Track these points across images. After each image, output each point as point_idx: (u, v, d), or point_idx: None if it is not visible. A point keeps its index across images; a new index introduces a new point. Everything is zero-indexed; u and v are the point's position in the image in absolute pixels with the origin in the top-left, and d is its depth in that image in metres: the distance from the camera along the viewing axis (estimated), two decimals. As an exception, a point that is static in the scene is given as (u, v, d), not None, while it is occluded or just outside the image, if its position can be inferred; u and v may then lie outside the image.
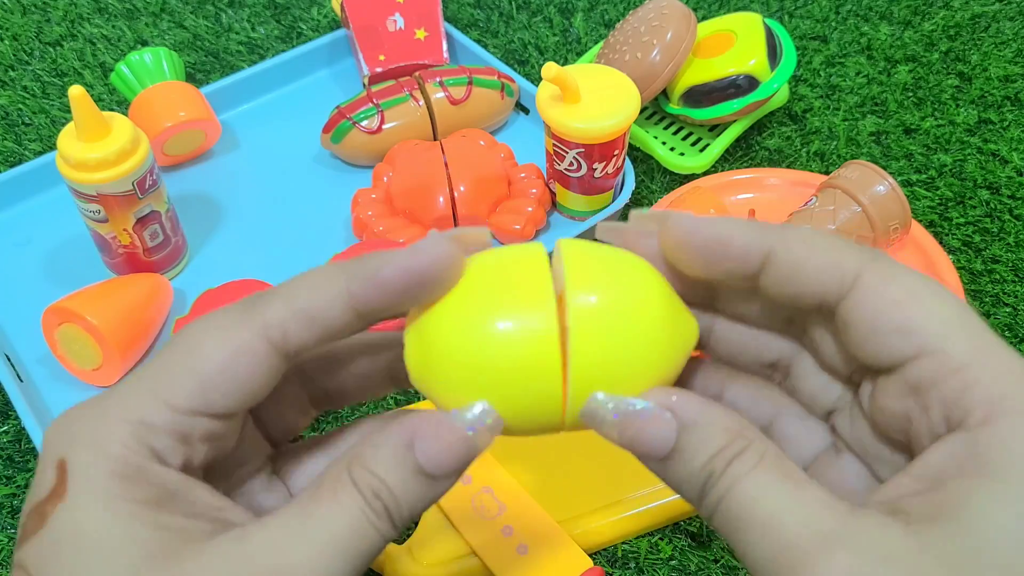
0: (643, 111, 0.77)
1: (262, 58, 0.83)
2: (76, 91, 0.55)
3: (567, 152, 0.64)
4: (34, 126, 0.77)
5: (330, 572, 0.25)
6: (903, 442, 0.26)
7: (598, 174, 0.65)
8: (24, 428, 0.57)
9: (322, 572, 0.25)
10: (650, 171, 0.73)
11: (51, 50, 0.84)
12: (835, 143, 0.75)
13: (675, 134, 0.75)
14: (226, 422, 0.28)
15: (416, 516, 0.27)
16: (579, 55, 0.83)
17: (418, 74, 0.73)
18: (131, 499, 0.26)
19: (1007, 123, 0.76)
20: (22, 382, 0.59)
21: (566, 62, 0.82)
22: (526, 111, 0.77)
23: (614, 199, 0.68)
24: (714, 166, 0.73)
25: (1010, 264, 0.66)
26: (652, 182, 0.72)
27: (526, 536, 0.50)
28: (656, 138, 0.74)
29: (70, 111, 0.74)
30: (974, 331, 0.24)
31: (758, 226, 0.26)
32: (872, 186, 0.61)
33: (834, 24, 0.85)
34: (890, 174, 0.62)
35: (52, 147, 0.75)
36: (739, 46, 0.70)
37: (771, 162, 0.73)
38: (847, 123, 0.76)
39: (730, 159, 0.74)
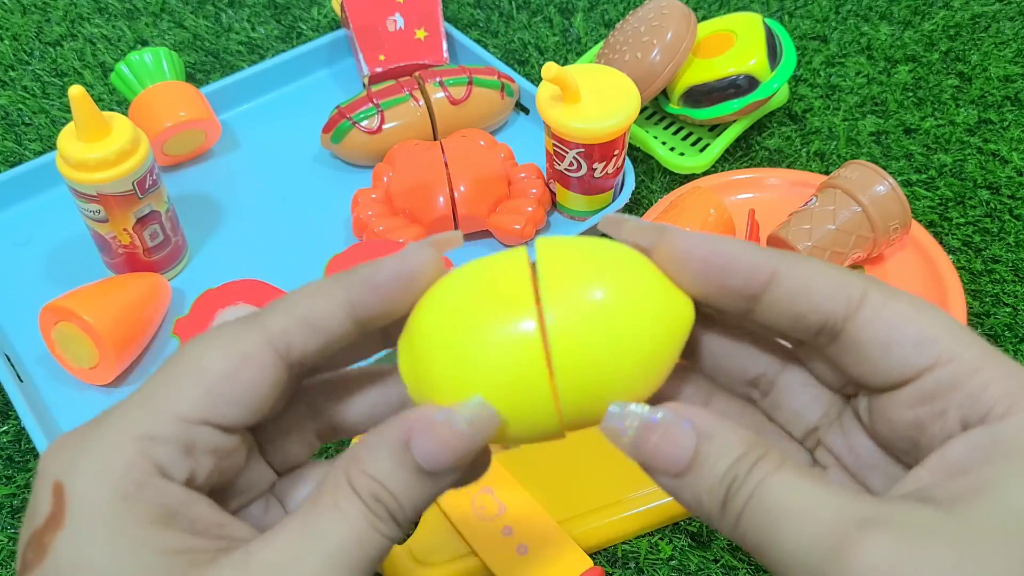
0: (643, 111, 0.77)
1: (262, 58, 0.83)
2: (76, 91, 0.55)
3: (567, 152, 0.64)
4: (34, 126, 0.77)
5: None
6: (908, 450, 0.26)
7: (598, 174, 0.65)
8: (24, 428, 0.57)
9: None
10: (650, 171, 0.73)
11: (51, 50, 0.84)
12: (835, 143, 0.75)
13: (675, 134, 0.75)
14: (231, 437, 0.27)
15: (420, 514, 0.27)
16: (579, 55, 0.83)
17: (418, 74, 0.73)
18: (134, 521, 0.25)
19: (1007, 123, 0.76)
20: (22, 382, 0.59)
21: (566, 62, 0.82)
22: (526, 111, 0.77)
23: (614, 199, 0.68)
24: (714, 166, 0.73)
25: (1010, 264, 0.66)
26: (652, 182, 0.72)
27: (526, 536, 0.50)
28: (656, 138, 0.74)
29: (70, 111, 0.74)
30: (975, 340, 0.25)
31: (761, 248, 0.27)
32: (872, 186, 0.61)
33: (834, 24, 0.85)
34: (890, 174, 0.62)
35: (52, 147, 0.75)
36: (739, 46, 0.70)
37: (771, 162, 0.73)
38: (847, 123, 0.76)
39: (730, 159, 0.74)
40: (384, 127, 0.71)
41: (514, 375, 0.27)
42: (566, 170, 0.65)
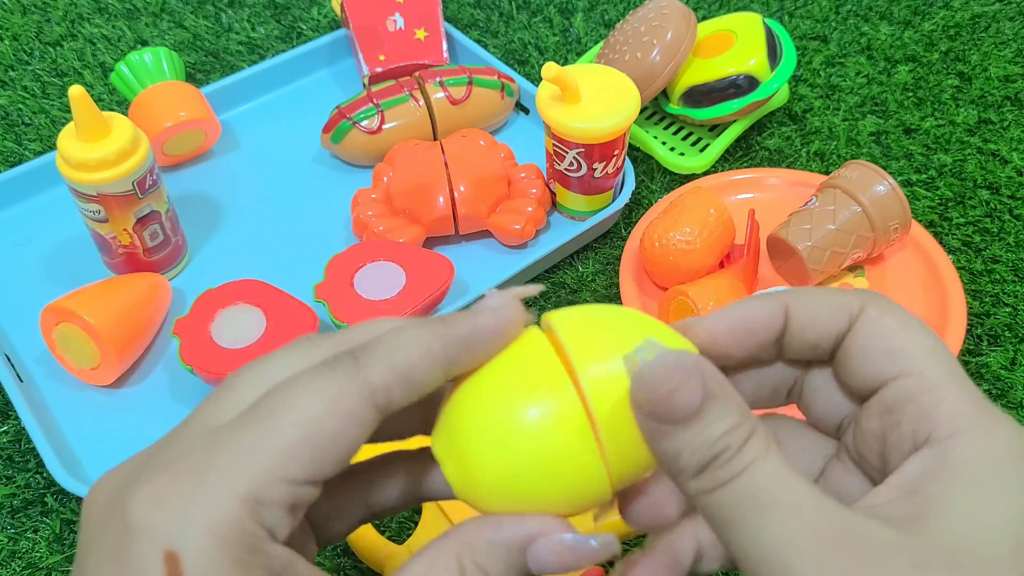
0: (643, 111, 0.77)
1: (262, 58, 0.83)
2: (76, 91, 0.55)
3: (567, 152, 0.64)
4: (34, 126, 0.77)
5: None
6: (878, 466, 0.28)
7: (598, 174, 0.65)
8: (24, 428, 0.57)
9: None
10: (650, 171, 0.73)
11: (51, 50, 0.84)
12: (835, 143, 0.75)
13: (675, 134, 0.75)
14: (319, 490, 0.27)
15: None
16: (579, 55, 0.83)
17: (418, 74, 0.73)
18: None
19: (1007, 123, 0.76)
20: (22, 382, 0.59)
21: (566, 62, 0.82)
22: (526, 111, 0.77)
23: (614, 199, 0.68)
24: (714, 166, 0.73)
25: (1010, 264, 0.66)
26: (652, 182, 0.72)
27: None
28: (656, 138, 0.74)
29: (70, 111, 0.74)
30: (947, 361, 0.27)
31: (766, 294, 0.29)
32: (872, 186, 0.61)
33: (834, 24, 0.85)
34: (890, 174, 0.62)
35: (52, 147, 0.75)
36: (739, 46, 0.70)
37: (771, 162, 0.73)
38: (847, 123, 0.76)
39: (730, 159, 0.74)
40: (384, 127, 0.71)
41: (567, 454, 0.28)
42: (566, 170, 0.65)
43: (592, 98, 0.62)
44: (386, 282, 0.60)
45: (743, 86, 0.70)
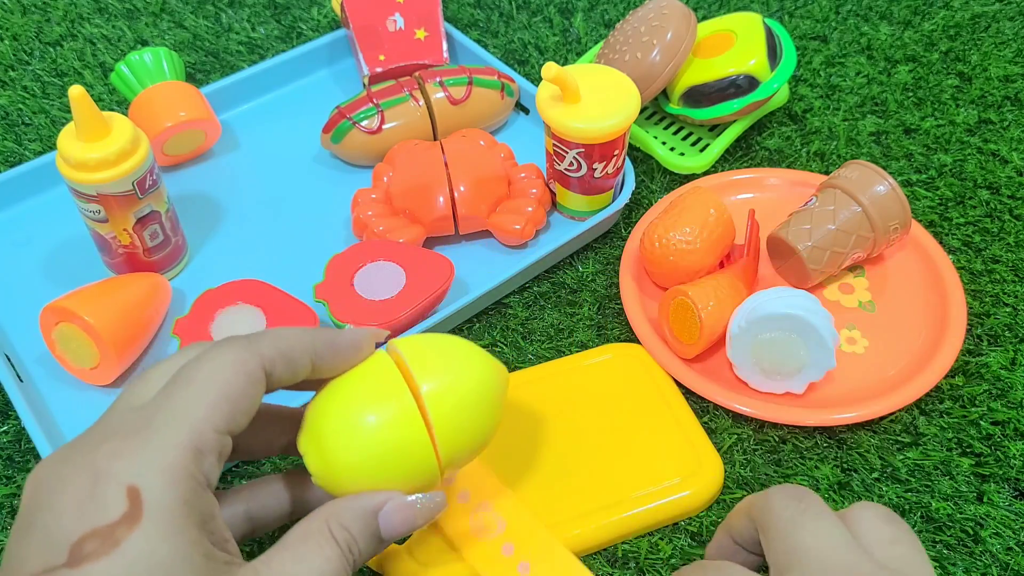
0: (643, 111, 0.77)
1: (262, 58, 0.83)
2: (76, 91, 0.55)
3: (567, 152, 0.64)
4: (34, 126, 0.77)
5: None
6: None
7: (598, 174, 0.65)
8: (24, 428, 0.57)
9: None
10: (650, 171, 0.73)
11: (51, 50, 0.84)
12: (835, 143, 0.75)
13: (675, 134, 0.75)
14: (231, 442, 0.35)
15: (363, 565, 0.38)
16: (579, 55, 0.83)
17: (418, 74, 0.73)
18: (190, 524, 0.31)
19: (1007, 123, 0.76)
20: (22, 382, 0.59)
21: (566, 62, 0.82)
22: (526, 111, 0.77)
23: (614, 199, 0.68)
24: (714, 166, 0.73)
25: (1010, 264, 0.66)
26: (652, 182, 0.72)
27: (527, 554, 0.49)
28: (656, 138, 0.74)
29: (70, 111, 0.74)
30: None
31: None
32: (872, 186, 0.61)
33: (834, 24, 0.85)
34: (890, 174, 0.62)
35: (52, 147, 0.75)
36: (739, 46, 0.70)
37: (771, 162, 0.73)
38: (847, 123, 0.76)
39: (730, 159, 0.74)
40: (384, 127, 0.71)
41: (408, 445, 0.39)
42: (566, 170, 0.65)
43: (592, 98, 0.62)
44: (386, 282, 0.60)
45: (743, 86, 0.70)
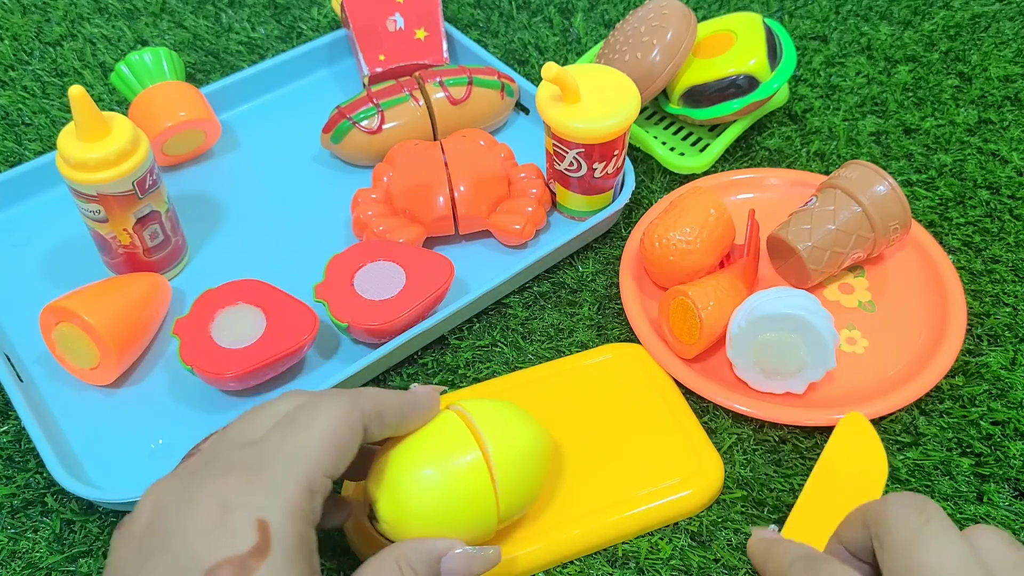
0: (643, 111, 0.77)
1: (262, 58, 0.83)
2: (76, 91, 0.55)
3: (567, 152, 0.64)
4: (34, 126, 0.77)
5: None
6: None
7: (598, 174, 0.65)
8: (24, 428, 0.57)
9: None
10: (650, 171, 0.73)
11: (51, 50, 0.84)
12: (835, 143, 0.75)
13: (675, 134, 0.75)
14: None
15: None
16: (579, 55, 0.83)
17: (418, 74, 0.73)
18: (303, 558, 0.34)
19: (1007, 123, 0.76)
20: (22, 382, 0.59)
21: (566, 62, 0.82)
22: (526, 111, 0.77)
23: (614, 199, 0.68)
24: (714, 166, 0.73)
25: (1010, 264, 0.66)
26: (652, 182, 0.72)
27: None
28: (656, 138, 0.74)
29: (70, 111, 0.74)
30: None
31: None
32: (872, 186, 0.61)
33: (834, 24, 0.85)
34: (890, 174, 0.62)
35: (52, 147, 0.75)
36: (739, 46, 0.70)
37: (771, 162, 0.73)
38: (847, 123, 0.76)
39: (730, 159, 0.74)
40: (384, 127, 0.71)
41: (473, 497, 0.43)
42: (566, 170, 0.65)
43: (592, 98, 0.62)
44: (386, 282, 0.60)
45: (743, 86, 0.70)
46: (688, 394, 0.58)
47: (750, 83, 0.70)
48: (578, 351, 0.61)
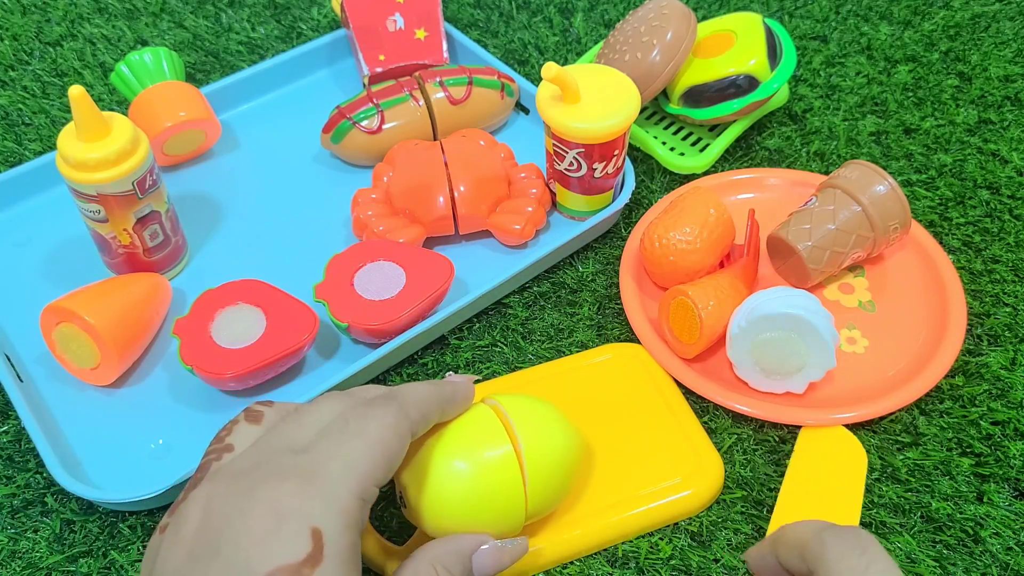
0: (643, 111, 0.77)
1: (262, 58, 0.83)
2: (76, 91, 0.55)
3: (567, 152, 0.64)
4: (34, 126, 0.77)
5: None
6: None
7: (598, 174, 0.65)
8: (24, 428, 0.57)
9: None
10: (650, 171, 0.73)
11: (51, 50, 0.84)
12: (835, 143, 0.75)
13: (675, 134, 0.75)
14: None
15: None
16: (579, 55, 0.83)
17: (418, 74, 0.73)
18: (354, 566, 0.35)
19: (1007, 123, 0.76)
20: (22, 382, 0.59)
21: (566, 62, 0.82)
22: (526, 111, 0.77)
23: (614, 199, 0.68)
24: (714, 166, 0.73)
25: (1010, 264, 0.66)
26: (652, 182, 0.72)
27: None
28: (656, 138, 0.74)
29: (70, 111, 0.74)
30: None
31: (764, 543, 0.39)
32: (872, 186, 0.61)
33: (834, 24, 0.85)
34: (890, 174, 0.62)
35: (52, 147, 0.75)
36: (739, 46, 0.70)
37: (771, 162, 0.73)
38: (847, 123, 0.76)
39: (730, 159, 0.74)
40: (384, 127, 0.71)
41: (503, 490, 0.44)
42: (566, 170, 0.65)
43: (592, 98, 0.62)
44: (386, 282, 0.60)
45: (743, 86, 0.70)
46: (688, 394, 0.58)
47: (750, 83, 0.70)
48: (578, 351, 0.61)
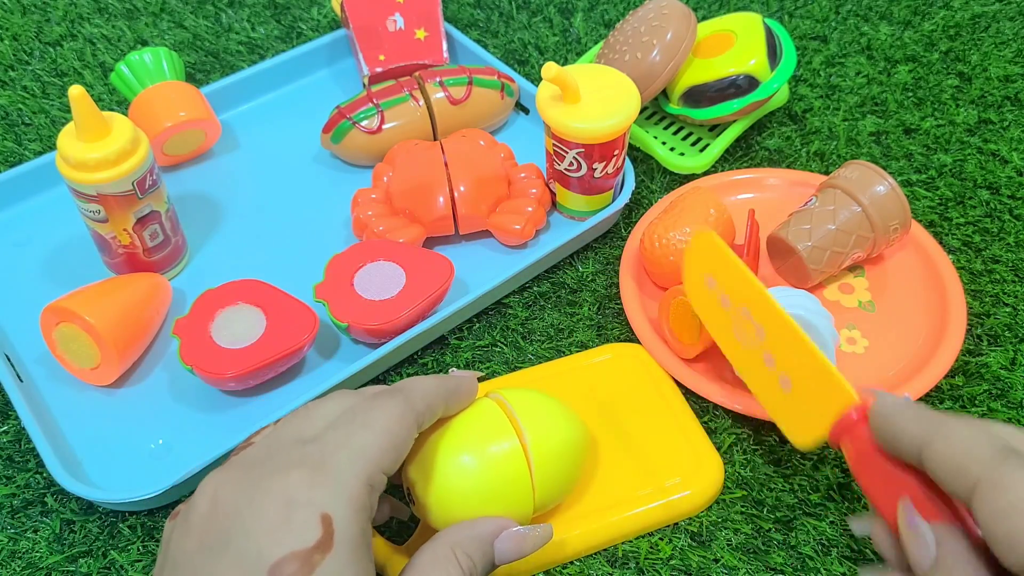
0: (643, 111, 0.77)
1: (262, 58, 0.83)
2: (76, 91, 0.55)
3: (567, 152, 0.64)
4: (34, 126, 0.77)
5: None
6: None
7: (598, 174, 0.65)
8: (24, 428, 0.57)
9: None
10: (650, 171, 0.73)
11: (51, 50, 0.84)
12: (835, 143, 0.75)
13: (675, 134, 0.75)
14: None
15: None
16: (579, 55, 0.83)
17: (418, 74, 0.73)
18: (364, 552, 0.35)
19: (1007, 123, 0.76)
20: (22, 382, 0.59)
21: (566, 62, 0.82)
22: (526, 111, 0.77)
23: (614, 199, 0.68)
24: (714, 166, 0.73)
25: (1010, 264, 0.66)
26: (652, 182, 0.72)
27: (786, 367, 0.45)
28: (656, 138, 0.74)
29: (70, 111, 0.74)
30: None
31: (919, 419, 0.36)
32: (872, 186, 0.61)
33: (834, 24, 0.85)
34: (890, 174, 0.62)
35: (52, 147, 0.75)
36: (739, 46, 0.70)
37: (771, 162, 0.73)
38: (847, 123, 0.76)
39: (730, 159, 0.74)
40: (384, 127, 0.71)
41: (510, 482, 0.44)
42: (566, 170, 0.65)
43: (592, 98, 0.62)
44: (386, 282, 0.60)
45: (743, 86, 0.70)
46: (688, 394, 0.58)
47: (750, 83, 0.70)
48: (578, 351, 0.61)
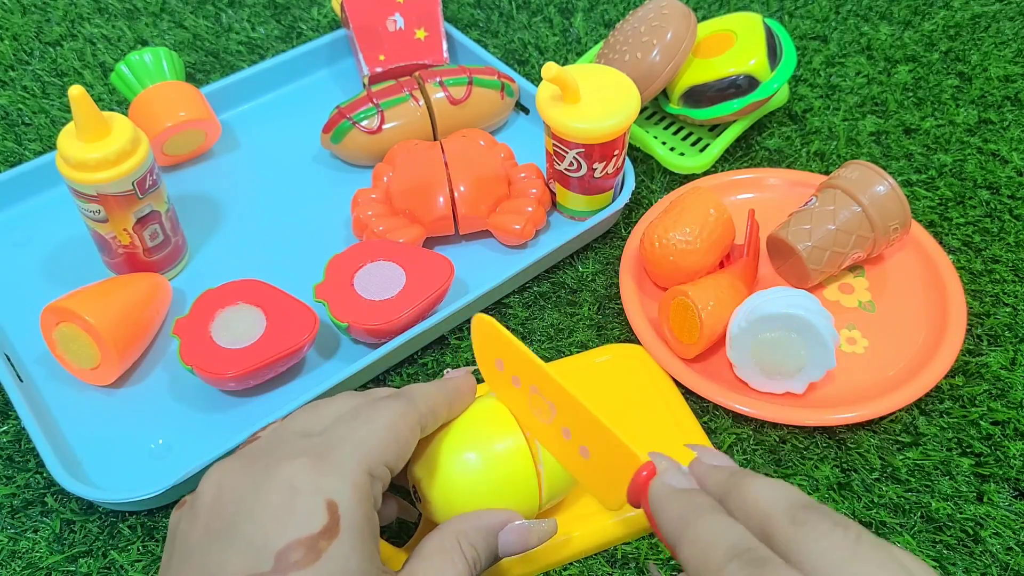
0: (643, 111, 0.77)
1: (262, 58, 0.83)
2: (76, 91, 0.55)
3: (567, 152, 0.64)
4: (34, 126, 0.77)
5: None
6: None
7: (598, 174, 0.65)
8: (24, 428, 0.57)
9: None
10: (650, 171, 0.73)
11: (51, 50, 0.84)
12: (835, 143, 0.75)
13: (675, 134, 0.75)
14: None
15: None
16: (579, 55, 0.83)
17: (418, 74, 0.73)
18: (371, 539, 0.36)
19: (1007, 123, 0.76)
20: (22, 382, 0.59)
21: (566, 62, 0.82)
22: (526, 111, 0.77)
23: (614, 199, 0.68)
24: (714, 166, 0.73)
25: (1010, 264, 0.66)
26: (652, 182, 0.72)
27: (582, 438, 0.45)
28: (656, 138, 0.74)
29: (70, 111, 0.74)
30: None
31: (679, 515, 0.34)
32: (872, 186, 0.61)
33: (834, 24, 0.85)
34: (890, 174, 0.62)
35: (52, 147, 0.75)
36: (739, 46, 0.70)
37: (771, 162, 0.73)
38: (847, 123, 0.76)
39: (730, 159, 0.74)
40: (384, 127, 0.71)
41: (518, 478, 0.43)
42: (566, 170, 0.65)
43: (592, 98, 0.62)
44: (386, 282, 0.60)
45: (743, 86, 0.70)
46: (688, 394, 0.58)
47: (750, 83, 0.70)
48: (578, 351, 0.61)
